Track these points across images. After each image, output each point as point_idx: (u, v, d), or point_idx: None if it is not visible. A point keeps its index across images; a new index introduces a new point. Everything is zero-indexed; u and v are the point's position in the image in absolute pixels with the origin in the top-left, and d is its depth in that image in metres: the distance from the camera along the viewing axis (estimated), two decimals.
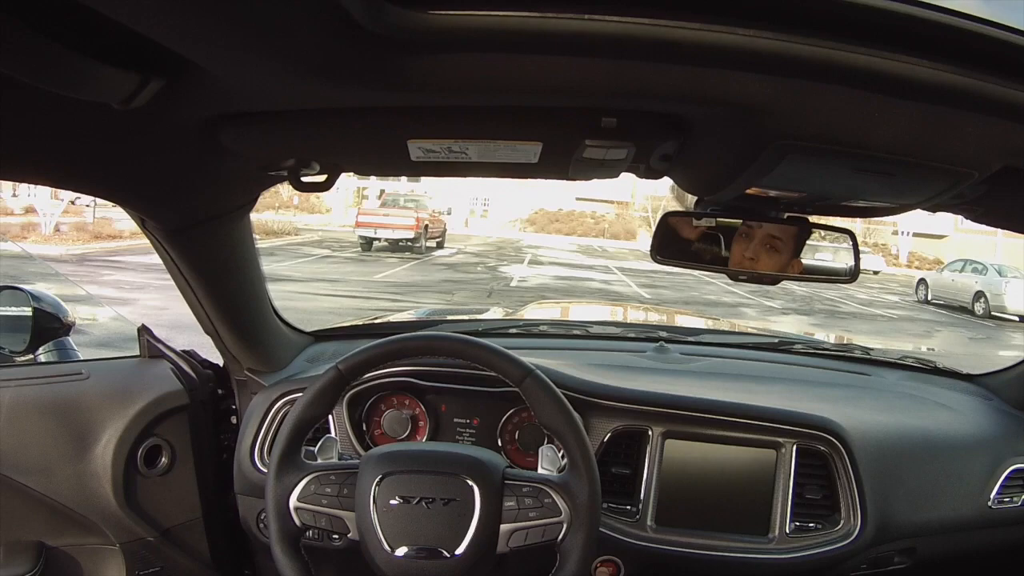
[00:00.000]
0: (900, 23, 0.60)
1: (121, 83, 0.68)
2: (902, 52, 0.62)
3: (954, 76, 0.64)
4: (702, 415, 1.48)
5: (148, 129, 0.88)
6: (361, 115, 0.88)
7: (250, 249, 1.39)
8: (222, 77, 0.72)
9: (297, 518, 1.12)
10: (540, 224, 34.73)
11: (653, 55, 0.62)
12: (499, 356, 1.17)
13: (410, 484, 1.11)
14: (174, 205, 1.16)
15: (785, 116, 0.75)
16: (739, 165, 0.90)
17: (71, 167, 0.96)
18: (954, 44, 0.62)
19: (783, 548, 1.44)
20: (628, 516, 1.46)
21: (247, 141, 0.96)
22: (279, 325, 1.64)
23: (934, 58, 0.63)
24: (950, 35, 0.61)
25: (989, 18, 0.60)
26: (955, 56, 0.63)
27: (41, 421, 1.41)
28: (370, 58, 0.63)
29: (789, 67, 0.63)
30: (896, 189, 0.96)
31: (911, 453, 1.56)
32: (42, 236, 15.21)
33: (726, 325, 3.03)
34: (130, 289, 9.94)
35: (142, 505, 1.49)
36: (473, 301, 11.85)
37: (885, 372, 1.93)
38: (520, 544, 1.10)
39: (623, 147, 0.94)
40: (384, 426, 1.56)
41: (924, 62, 0.63)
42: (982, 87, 0.65)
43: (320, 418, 1.18)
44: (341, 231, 23.98)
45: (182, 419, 1.54)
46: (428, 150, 0.98)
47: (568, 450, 1.15)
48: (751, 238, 1.23)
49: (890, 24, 0.60)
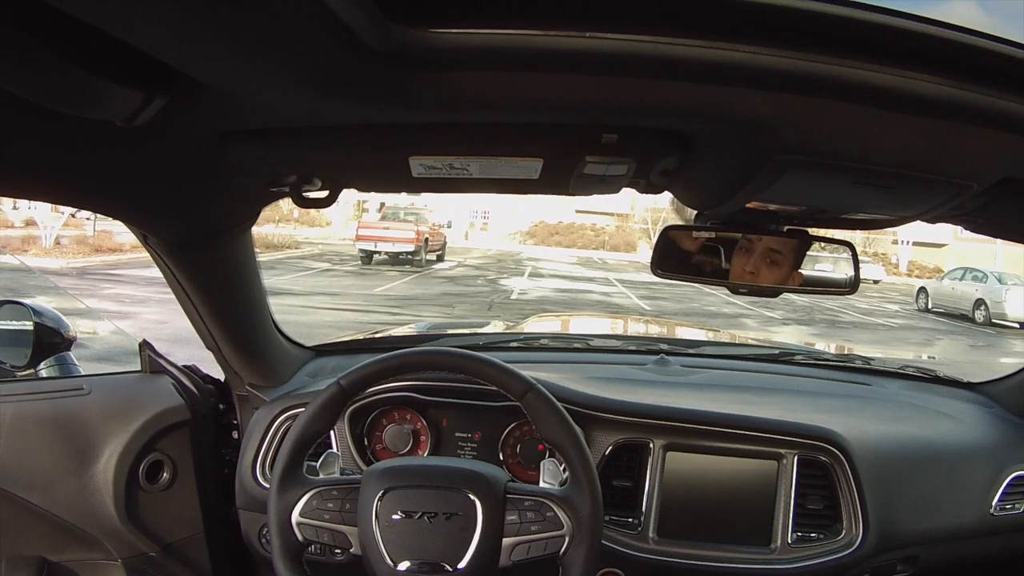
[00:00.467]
0: (899, 39, 0.60)
1: (125, 101, 0.68)
2: (901, 67, 0.63)
3: (953, 90, 0.65)
4: (703, 427, 1.48)
5: (151, 146, 0.88)
6: (363, 132, 0.89)
7: (251, 264, 1.39)
8: (226, 95, 0.72)
9: (299, 533, 1.12)
10: (540, 236, 34.73)
11: (653, 72, 0.63)
12: (500, 370, 1.17)
13: (412, 499, 1.10)
14: (176, 221, 1.16)
15: (785, 131, 0.75)
16: (739, 180, 0.91)
17: (73, 184, 0.96)
18: (953, 58, 0.62)
19: (785, 558, 1.43)
20: (630, 528, 1.45)
21: (250, 157, 0.96)
22: (280, 340, 1.64)
23: (934, 72, 0.63)
24: (949, 49, 0.61)
25: (988, 32, 0.61)
26: (954, 70, 0.63)
27: (42, 436, 1.41)
28: (373, 76, 0.64)
29: (789, 83, 0.64)
30: (896, 202, 0.97)
31: (913, 462, 1.56)
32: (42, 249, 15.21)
33: (726, 337, 3.03)
34: (130, 303, 9.94)
35: (144, 520, 1.49)
36: (473, 314, 11.84)
37: (886, 382, 1.93)
38: (522, 557, 1.10)
39: (624, 163, 0.95)
40: (386, 441, 1.56)
41: (924, 76, 0.63)
42: (981, 100, 0.66)
43: (322, 433, 1.18)
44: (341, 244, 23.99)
45: (184, 434, 1.53)
46: (430, 167, 0.99)
47: (570, 464, 1.15)
48: (751, 252, 1.24)
49: (889, 40, 0.60)
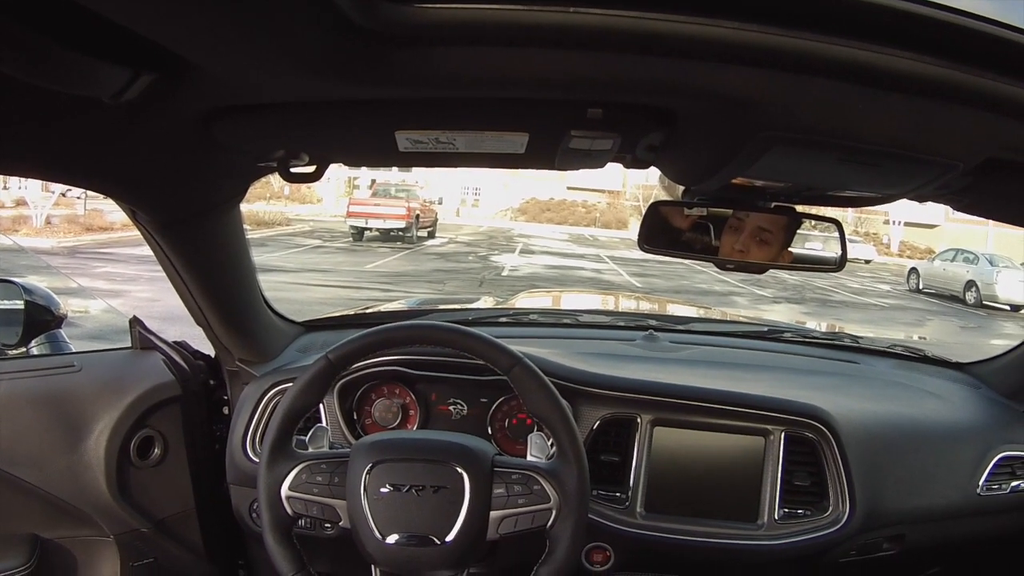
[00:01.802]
0: (884, 17, 0.60)
1: (111, 78, 0.68)
2: (886, 45, 0.63)
3: (938, 69, 0.65)
4: (691, 403, 1.49)
5: (138, 122, 0.88)
6: (349, 107, 0.89)
7: (241, 240, 1.39)
8: (212, 72, 0.72)
9: (289, 507, 1.12)
10: (531, 213, 34.60)
11: (637, 47, 0.63)
12: (488, 345, 1.18)
13: (400, 472, 1.11)
14: (165, 198, 1.16)
15: (770, 108, 0.76)
16: (725, 156, 0.91)
17: (61, 160, 0.96)
18: (938, 37, 0.62)
19: (772, 535, 1.45)
20: (618, 503, 1.47)
21: (237, 134, 0.96)
22: (270, 316, 1.64)
23: (918, 51, 0.63)
24: (934, 28, 0.61)
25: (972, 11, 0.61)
26: (939, 49, 0.63)
27: (34, 413, 1.41)
28: (359, 52, 0.63)
29: (773, 60, 0.63)
30: (881, 180, 0.97)
31: (900, 440, 1.57)
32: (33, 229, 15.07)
33: (716, 314, 3.04)
34: (121, 281, 9.89)
35: (135, 496, 1.49)
36: (464, 291, 11.82)
37: (874, 360, 1.94)
38: (510, 531, 1.11)
39: (609, 138, 0.95)
40: (375, 415, 1.57)
41: (908, 55, 0.63)
42: (966, 80, 0.66)
43: (311, 407, 1.19)
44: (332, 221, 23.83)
45: (174, 410, 1.54)
46: (416, 141, 0.99)
47: (557, 437, 1.15)
48: (740, 231, 1.24)
49: (874, 17, 0.60)
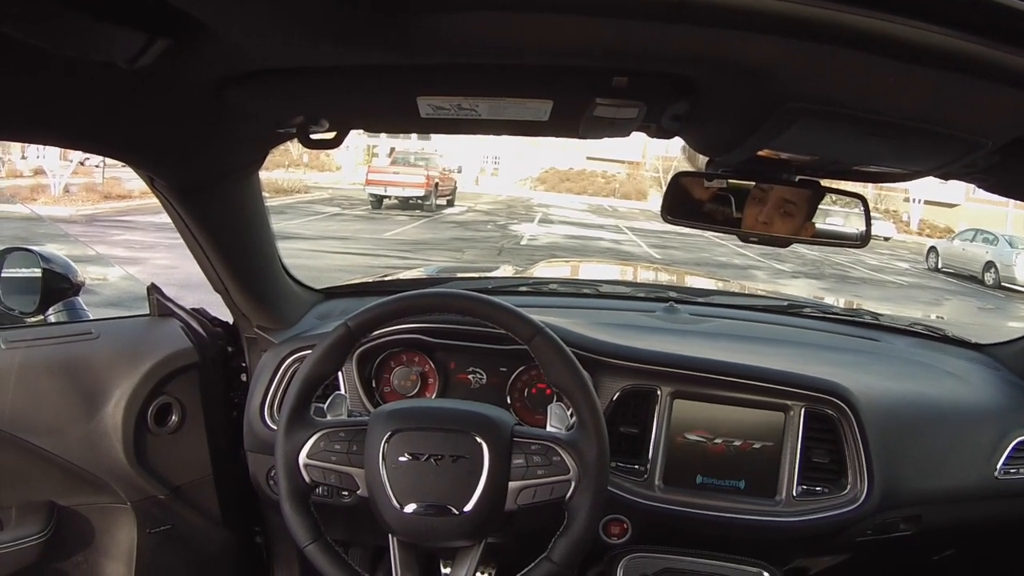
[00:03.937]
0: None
1: (126, 43, 0.67)
2: (914, 18, 0.61)
3: (968, 44, 0.63)
4: (711, 376, 1.48)
5: (154, 88, 0.87)
6: (370, 72, 0.87)
7: (259, 207, 1.38)
8: (227, 36, 0.71)
9: (307, 475, 1.13)
10: (551, 183, 34.45)
11: (662, 15, 0.62)
12: (508, 313, 1.16)
13: (419, 441, 1.11)
14: (183, 164, 1.16)
15: (795, 79, 0.74)
16: (750, 127, 0.90)
17: (79, 128, 0.96)
18: (968, 11, 0.60)
19: (790, 511, 1.45)
20: (636, 475, 1.47)
21: (255, 100, 0.95)
22: (289, 282, 1.64)
23: (947, 25, 0.61)
24: (968, 4, 0.60)
25: None
26: (969, 24, 0.61)
27: (52, 381, 1.42)
28: (379, 18, 0.62)
29: (798, 29, 0.62)
30: (908, 155, 0.96)
31: (919, 420, 1.56)
32: (52, 197, 15.15)
33: (736, 287, 3.02)
34: (140, 248, 9.97)
35: (152, 463, 1.50)
36: (483, 259, 11.86)
37: (894, 338, 1.92)
38: (528, 502, 1.11)
39: (634, 106, 0.93)
40: (394, 383, 1.57)
41: (937, 28, 0.62)
42: (996, 56, 0.64)
43: (329, 375, 1.18)
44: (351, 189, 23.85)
45: (192, 377, 1.54)
46: (438, 107, 0.97)
47: (577, 408, 1.14)
48: (764, 202, 1.22)
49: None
